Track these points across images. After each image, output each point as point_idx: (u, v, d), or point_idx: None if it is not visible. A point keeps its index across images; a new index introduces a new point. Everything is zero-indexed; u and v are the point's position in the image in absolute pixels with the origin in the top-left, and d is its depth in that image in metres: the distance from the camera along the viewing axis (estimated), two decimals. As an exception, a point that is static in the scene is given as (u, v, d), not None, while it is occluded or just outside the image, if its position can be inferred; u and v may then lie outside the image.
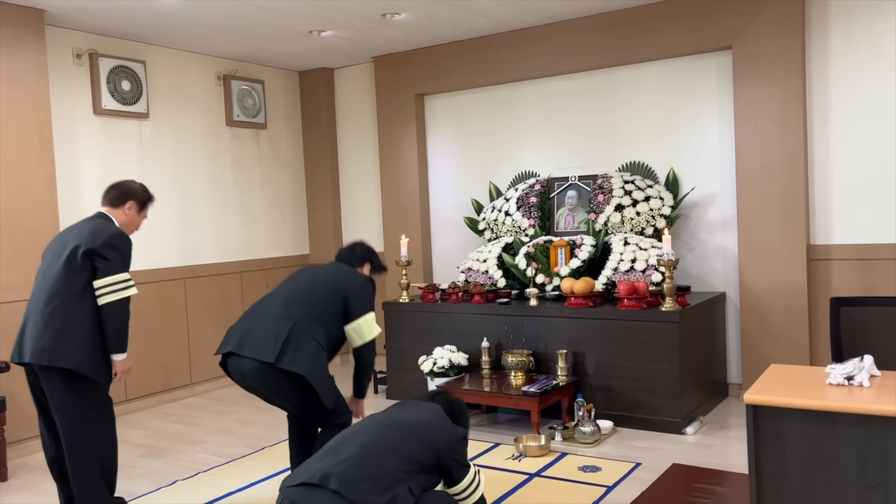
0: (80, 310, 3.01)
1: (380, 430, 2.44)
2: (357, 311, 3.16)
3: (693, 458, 3.74)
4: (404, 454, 2.35)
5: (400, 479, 2.29)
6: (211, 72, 5.81)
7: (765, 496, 2.24)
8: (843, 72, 4.43)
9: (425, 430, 2.46)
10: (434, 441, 2.44)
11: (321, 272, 3.35)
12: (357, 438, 2.39)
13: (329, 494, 2.20)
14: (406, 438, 2.40)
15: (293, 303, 3.10)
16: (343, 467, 2.25)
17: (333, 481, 2.22)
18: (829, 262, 4.51)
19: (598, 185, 4.95)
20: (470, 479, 2.54)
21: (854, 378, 2.24)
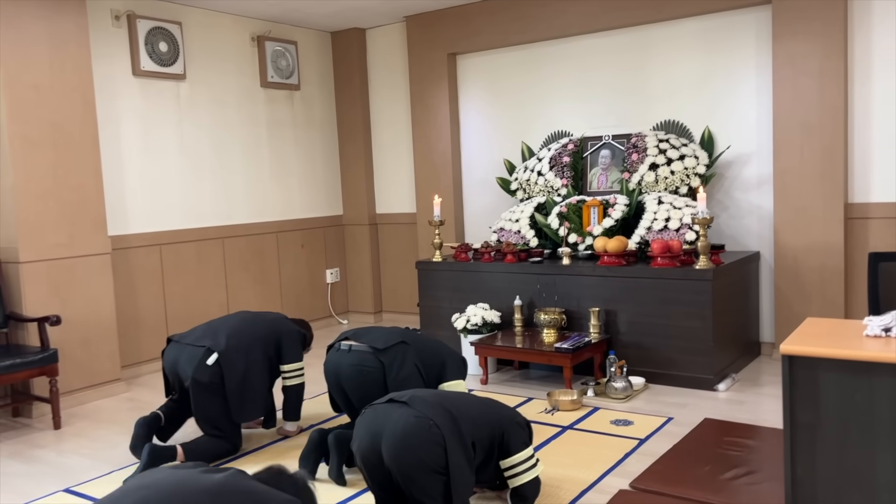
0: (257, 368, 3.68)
1: (455, 393, 2.90)
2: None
3: (725, 413, 3.79)
4: (475, 413, 2.67)
5: (467, 430, 2.59)
6: (245, 33, 5.85)
7: (799, 446, 2.29)
8: (886, 26, 4.33)
9: (495, 403, 2.84)
10: (501, 413, 2.75)
11: (432, 339, 3.72)
12: (436, 394, 2.75)
13: (410, 409, 2.55)
14: (479, 402, 2.79)
15: (409, 334, 3.51)
16: (431, 398, 2.64)
17: (420, 403, 2.57)
18: (866, 220, 4.47)
19: (631, 145, 4.93)
20: (528, 454, 2.74)
21: (892, 330, 2.26)
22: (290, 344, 3.75)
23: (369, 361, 3.28)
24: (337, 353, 3.41)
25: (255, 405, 3.57)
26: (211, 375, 3.43)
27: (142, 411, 4.19)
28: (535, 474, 2.74)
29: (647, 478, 3.05)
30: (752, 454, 3.25)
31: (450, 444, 2.48)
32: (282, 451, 3.58)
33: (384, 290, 6.68)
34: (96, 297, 4.60)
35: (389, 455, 2.49)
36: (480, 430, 2.63)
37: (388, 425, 2.52)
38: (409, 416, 2.51)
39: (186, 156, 5.43)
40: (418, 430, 2.48)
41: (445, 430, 2.48)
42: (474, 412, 2.67)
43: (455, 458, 2.48)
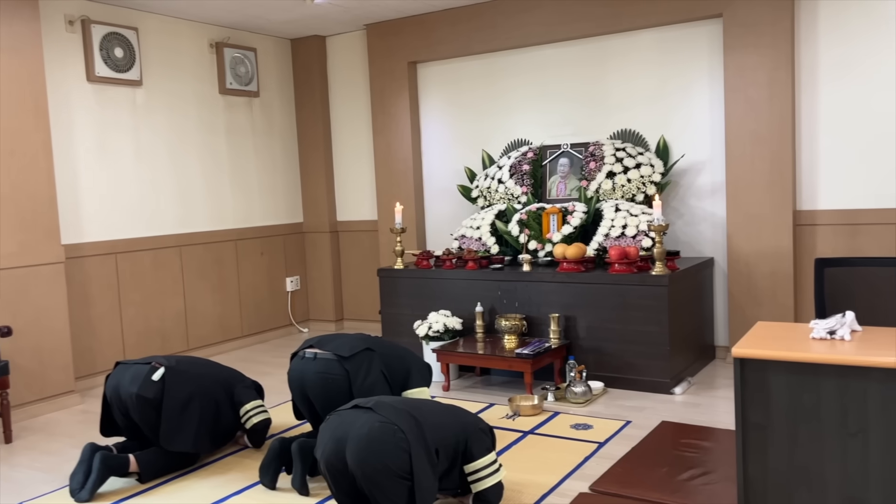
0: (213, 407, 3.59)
1: (421, 400, 2.90)
2: None
3: (681, 415, 3.88)
4: (438, 420, 2.70)
5: (431, 438, 2.61)
6: (203, 39, 5.79)
7: (750, 445, 2.36)
8: (831, 40, 4.50)
9: (459, 410, 2.87)
10: (465, 420, 2.81)
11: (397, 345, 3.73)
12: (402, 401, 2.78)
13: (376, 415, 2.55)
14: (443, 411, 2.79)
15: (374, 341, 3.51)
16: (396, 404, 2.65)
17: (386, 409, 2.58)
18: (814, 227, 4.62)
19: (589, 153, 5.02)
20: (491, 459, 2.77)
21: (836, 332, 2.35)
22: (245, 390, 3.66)
23: (334, 369, 3.27)
24: (301, 360, 3.39)
25: (187, 437, 3.36)
26: (156, 392, 3.31)
27: (96, 424, 4.11)
28: (497, 479, 2.77)
29: (605, 480, 3.11)
30: (707, 455, 3.34)
31: (414, 449, 2.49)
32: (241, 461, 3.55)
33: (345, 297, 6.66)
34: (49, 308, 4.50)
35: (354, 460, 2.49)
36: (444, 436, 2.65)
37: (353, 431, 2.52)
38: (373, 422, 2.52)
39: (143, 163, 5.35)
40: (383, 434, 2.48)
41: (410, 436, 2.50)
42: (438, 419, 2.69)
43: (419, 464, 2.50)
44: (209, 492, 3.20)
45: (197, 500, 3.13)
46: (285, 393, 4.63)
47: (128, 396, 3.33)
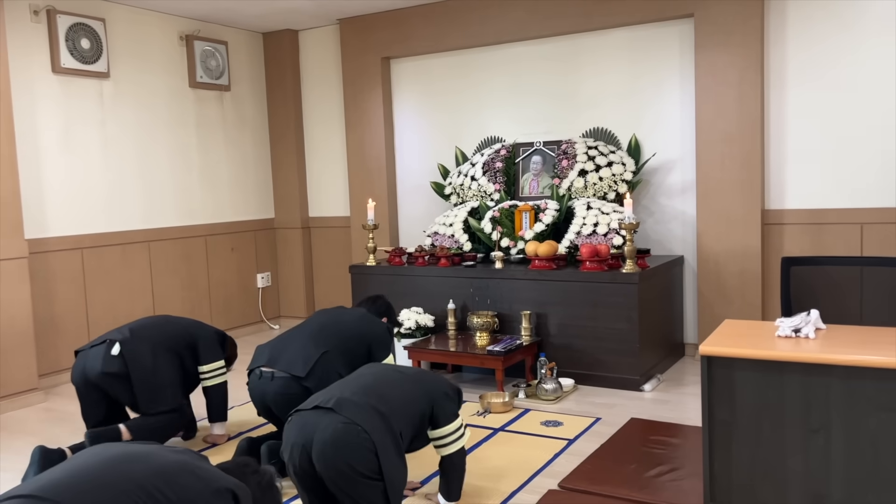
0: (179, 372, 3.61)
1: (384, 374, 2.78)
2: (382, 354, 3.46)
3: (650, 412, 3.91)
4: (404, 397, 2.65)
5: (395, 420, 2.56)
6: (173, 31, 5.70)
7: (717, 442, 2.39)
8: (799, 41, 4.56)
9: (423, 378, 2.81)
10: (431, 388, 2.74)
11: (348, 317, 3.52)
12: (364, 377, 2.71)
13: (337, 416, 2.48)
14: (407, 383, 2.72)
15: (323, 336, 3.31)
16: (357, 398, 2.55)
17: (348, 408, 2.51)
18: (782, 226, 4.69)
19: (562, 151, 5.03)
20: (457, 425, 2.75)
21: (801, 330, 2.38)
22: (207, 345, 3.63)
23: (294, 388, 3.15)
24: (259, 380, 3.26)
25: (165, 396, 3.43)
26: (120, 365, 3.33)
27: (60, 422, 4.04)
28: (461, 444, 2.77)
29: (575, 477, 3.12)
30: (675, 452, 3.36)
31: (381, 448, 2.47)
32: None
33: (317, 294, 6.61)
34: (11, 303, 4.40)
35: (321, 465, 2.46)
36: (410, 414, 2.63)
37: (317, 434, 2.48)
38: (336, 424, 2.47)
39: (110, 156, 5.26)
40: (347, 437, 2.45)
41: (375, 435, 2.47)
42: (403, 397, 2.64)
43: (387, 461, 2.47)
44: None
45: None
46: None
47: (96, 377, 3.35)
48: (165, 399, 3.44)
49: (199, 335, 3.65)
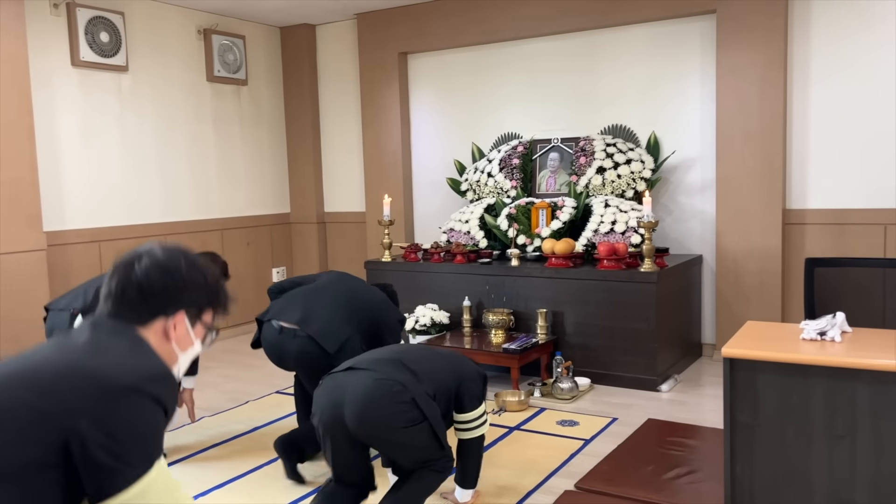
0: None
1: (414, 347, 2.83)
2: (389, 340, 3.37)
3: (667, 413, 3.87)
4: (434, 370, 2.63)
5: (427, 385, 2.55)
6: (191, 25, 5.71)
7: (738, 445, 2.35)
8: (823, 38, 4.49)
9: (454, 358, 2.80)
10: (460, 368, 2.73)
11: (373, 297, 3.46)
12: (394, 349, 2.76)
13: (370, 372, 2.48)
14: (437, 358, 2.74)
15: (354, 312, 3.27)
16: (390, 359, 2.58)
17: (377, 364, 2.53)
18: (803, 226, 4.62)
19: (580, 148, 4.99)
20: (481, 412, 2.72)
21: (826, 333, 2.33)
22: None
23: (315, 349, 3.10)
24: (280, 334, 3.17)
25: None
26: None
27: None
28: (483, 431, 2.75)
29: (591, 478, 3.09)
30: (693, 454, 3.33)
31: (418, 396, 2.46)
32: (228, 453, 3.50)
33: (332, 289, 6.60)
34: (29, 296, 4.42)
35: (356, 423, 2.42)
36: (440, 382, 2.62)
37: (349, 393, 2.44)
38: (367, 381, 2.45)
39: (128, 150, 5.27)
40: (380, 391, 2.43)
41: (410, 386, 2.46)
42: (433, 367, 2.65)
43: (427, 405, 2.48)
44: (195, 483, 3.16)
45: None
46: (270, 386, 4.59)
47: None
48: None
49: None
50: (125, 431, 1.27)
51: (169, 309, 1.45)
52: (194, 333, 1.50)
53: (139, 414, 1.29)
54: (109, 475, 1.24)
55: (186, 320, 1.47)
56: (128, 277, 1.43)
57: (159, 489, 1.31)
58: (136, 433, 1.28)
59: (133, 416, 1.28)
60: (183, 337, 1.48)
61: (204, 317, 1.52)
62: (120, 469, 1.25)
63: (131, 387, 1.29)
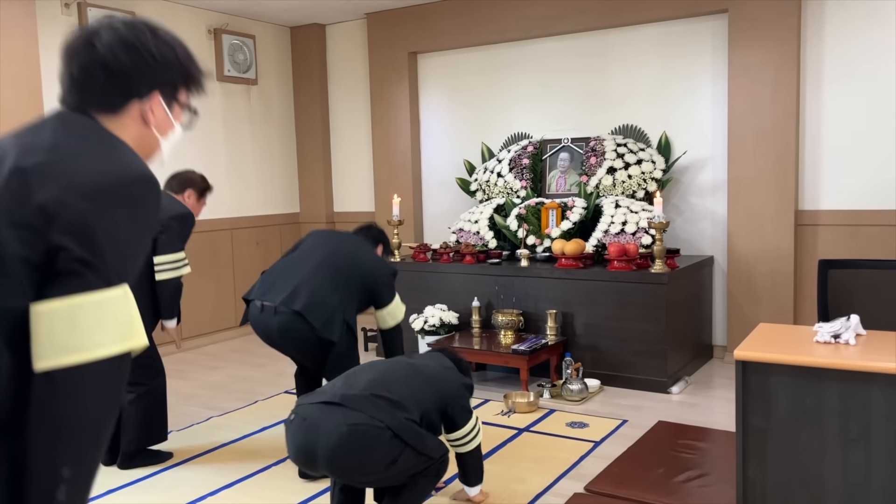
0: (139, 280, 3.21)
1: (395, 368, 2.60)
2: (386, 297, 3.28)
3: (678, 415, 3.84)
4: (416, 395, 2.49)
5: (409, 413, 2.44)
6: (201, 25, 5.72)
7: (751, 448, 2.32)
8: (837, 38, 4.45)
9: (436, 376, 2.63)
10: (444, 387, 2.60)
11: (360, 257, 3.31)
12: (373, 371, 2.55)
13: (344, 410, 2.34)
14: (419, 381, 2.56)
15: (339, 277, 3.15)
16: (364, 392, 2.40)
17: (351, 401, 2.36)
18: (816, 227, 4.58)
19: (590, 148, 4.96)
20: (472, 426, 2.66)
21: (840, 336, 2.30)
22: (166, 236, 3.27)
23: (298, 323, 3.01)
24: (261, 313, 3.10)
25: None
26: None
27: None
28: (478, 441, 2.72)
29: (601, 481, 3.07)
30: (704, 456, 3.30)
31: (398, 428, 2.33)
32: (233, 454, 3.50)
33: (341, 289, 6.60)
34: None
35: (332, 472, 2.35)
36: (425, 406, 2.50)
37: (322, 440, 2.30)
38: (340, 428, 2.29)
39: (138, 149, 5.28)
40: (354, 439, 2.29)
41: (389, 421, 2.32)
42: (415, 389, 2.50)
43: (408, 436, 2.34)
44: (204, 483, 3.16)
45: (188, 493, 3.08)
46: (279, 386, 4.59)
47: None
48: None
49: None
50: (98, 238, 1.11)
51: (142, 90, 1.26)
52: (173, 116, 1.33)
53: (116, 220, 1.14)
54: (71, 276, 1.08)
55: (162, 101, 1.30)
56: (90, 57, 1.22)
57: (117, 310, 1.13)
58: (110, 241, 1.12)
59: (109, 222, 1.13)
60: (163, 121, 1.31)
61: (179, 96, 1.34)
62: (84, 273, 1.10)
63: (109, 190, 1.14)
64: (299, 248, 3.37)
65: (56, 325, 1.08)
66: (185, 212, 3.35)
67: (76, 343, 1.08)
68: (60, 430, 1.09)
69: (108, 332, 1.11)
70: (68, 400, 1.08)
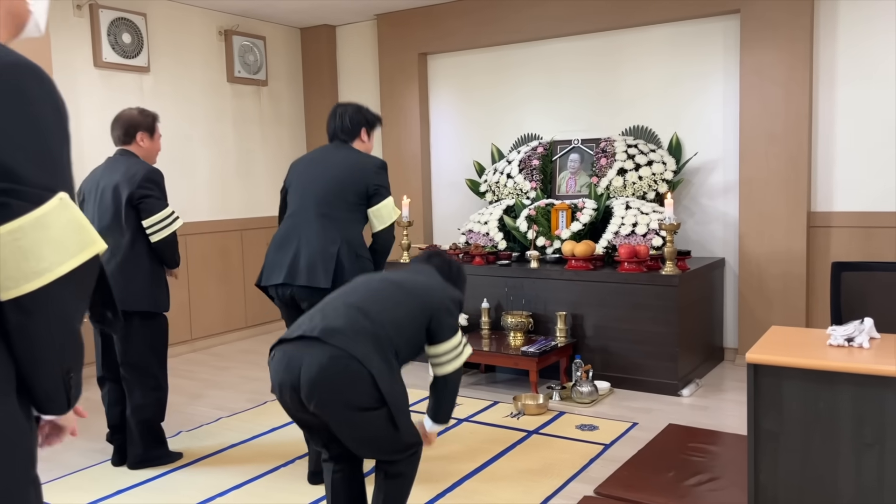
0: (137, 252, 3.19)
1: (376, 289, 2.42)
2: (380, 197, 3.12)
3: (689, 418, 3.81)
4: (399, 314, 2.33)
5: (389, 339, 2.27)
6: (212, 26, 5.74)
7: (762, 452, 2.30)
8: (850, 38, 4.41)
9: (422, 289, 2.44)
10: (429, 299, 2.41)
11: (334, 169, 3.14)
12: (355, 295, 2.37)
13: (323, 346, 2.18)
14: (402, 297, 2.38)
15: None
16: (345, 321, 2.24)
17: (334, 336, 2.20)
18: (828, 229, 4.54)
19: (600, 149, 4.94)
20: (456, 342, 2.44)
21: (854, 339, 2.28)
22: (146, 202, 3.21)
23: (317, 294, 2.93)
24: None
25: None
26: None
27: (97, 412, 4.07)
28: (460, 362, 2.46)
29: (611, 484, 3.05)
30: (715, 460, 3.27)
31: (377, 373, 2.20)
32: (239, 455, 3.51)
33: (350, 290, 6.59)
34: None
35: (313, 405, 2.20)
36: (406, 333, 2.34)
37: (304, 371, 2.19)
38: (322, 358, 2.17)
39: (149, 150, 5.30)
40: (336, 370, 2.17)
41: (368, 361, 2.20)
42: (397, 316, 2.33)
43: (386, 385, 2.21)
44: (213, 484, 3.16)
45: (196, 494, 3.09)
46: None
47: None
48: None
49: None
50: (2, 161, 1.06)
51: None
52: None
53: (6, 131, 1.08)
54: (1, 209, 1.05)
55: None
56: None
57: (61, 223, 1.10)
58: (14, 157, 1.07)
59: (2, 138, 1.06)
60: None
61: None
62: (8, 202, 1.06)
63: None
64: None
65: (6, 257, 1.06)
66: (147, 174, 3.20)
67: (32, 269, 1.08)
68: (43, 349, 1.13)
69: (59, 249, 1.10)
70: (42, 324, 1.11)
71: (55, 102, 1.15)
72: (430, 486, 3.05)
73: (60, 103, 1.16)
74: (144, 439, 3.30)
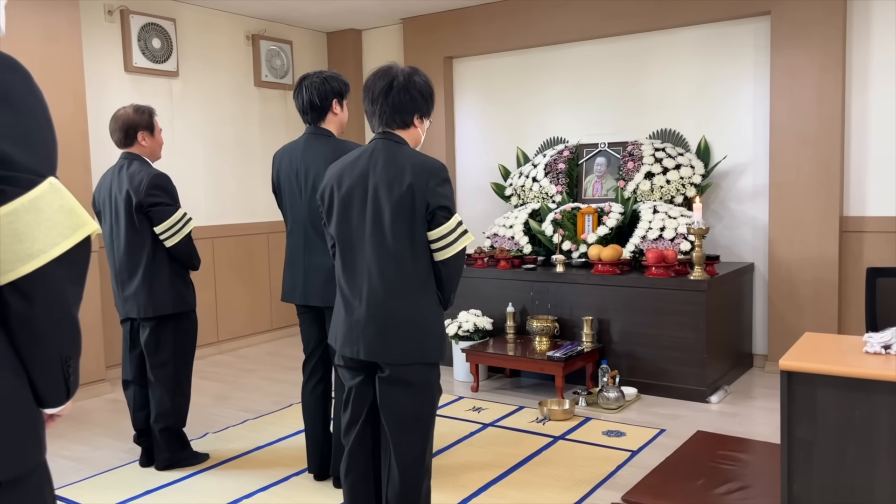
0: (159, 260, 3.23)
1: (376, 249, 2.30)
2: None
3: (717, 425, 3.75)
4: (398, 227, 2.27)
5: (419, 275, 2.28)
6: (240, 31, 5.79)
7: (796, 462, 2.25)
8: (884, 39, 4.32)
9: (409, 190, 2.33)
10: (420, 192, 2.30)
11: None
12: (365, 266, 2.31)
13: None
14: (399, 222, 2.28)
15: None
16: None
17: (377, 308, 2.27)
18: (861, 234, 4.45)
19: (627, 153, 4.90)
20: (453, 225, 2.29)
21: (891, 347, 2.22)
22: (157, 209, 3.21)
23: None
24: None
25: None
26: None
27: (124, 413, 4.11)
28: (461, 245, 2.31)
29: (638, 491, 3.00)
30: (745, 468, 3.21)
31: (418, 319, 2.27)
32: (262, 458, 3.52)
33: (375, 293, 6.60)
34: (82, 296, 4.52)
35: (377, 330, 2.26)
36: (405, 236, 2.27)
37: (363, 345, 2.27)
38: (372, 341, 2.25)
39: (178, 154, 5.36)
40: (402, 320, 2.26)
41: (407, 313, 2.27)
42: (394, 237, 2.27)
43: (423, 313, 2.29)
44: (239, 486, 3.18)
45: (224, 495, 3.10)
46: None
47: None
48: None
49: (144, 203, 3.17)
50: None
51: None
52: None
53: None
54: None
55: None
56: None
57: (53, 206, 1.14)
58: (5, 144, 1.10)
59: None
60: None
61: None
62: (2, 189, 1.08)
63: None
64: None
65: (1, 240, 1.09)
66: (152, 180, 3.18)
67: (26, 250, 1.11)
68: (43, 337, 1.16)
69: (52, 231, 1.13)
70: (42, 311, 1.13)
71: (36, 93, 1.20)
72: (455, 491, 3.04)
73: (40, 93, 1.21)
74: (169, 445, 3.34)
